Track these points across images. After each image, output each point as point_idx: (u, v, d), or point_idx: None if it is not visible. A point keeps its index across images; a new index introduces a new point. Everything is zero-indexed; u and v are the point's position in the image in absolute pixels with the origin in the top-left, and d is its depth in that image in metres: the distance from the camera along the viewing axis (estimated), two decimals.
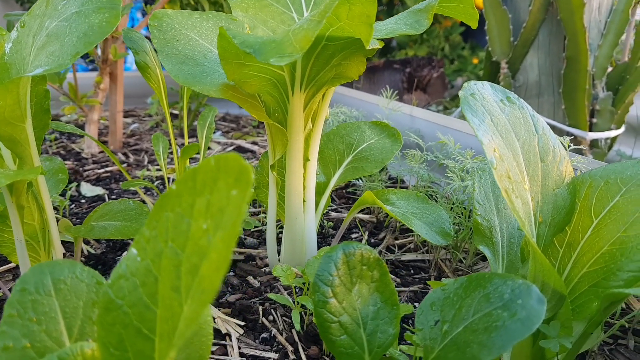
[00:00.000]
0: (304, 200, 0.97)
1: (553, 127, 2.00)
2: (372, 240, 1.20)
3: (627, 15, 1.89)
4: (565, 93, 1.94)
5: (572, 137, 1.57)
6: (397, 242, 1.19)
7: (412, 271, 1.07)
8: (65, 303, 0.51)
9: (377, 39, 0.78)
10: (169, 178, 1.45)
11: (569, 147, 0.91)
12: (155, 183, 1.53)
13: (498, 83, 2.11)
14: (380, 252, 1.13)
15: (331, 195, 1.47)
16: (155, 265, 0.45)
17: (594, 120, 1.98)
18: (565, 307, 0.63)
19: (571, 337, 0.62)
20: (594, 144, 2.01)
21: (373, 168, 1.06)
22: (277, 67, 0.79)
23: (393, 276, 1.02)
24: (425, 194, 1.19)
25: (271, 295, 0.77)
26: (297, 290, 0.91)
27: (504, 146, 0.64)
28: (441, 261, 1.08)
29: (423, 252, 1.14)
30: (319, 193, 1.06)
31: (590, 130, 1.99)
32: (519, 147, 0.67)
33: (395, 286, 0.98)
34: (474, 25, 0.81)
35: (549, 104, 2.00)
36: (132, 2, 1.76)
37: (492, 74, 2.14)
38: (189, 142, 1.98)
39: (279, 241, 1.04)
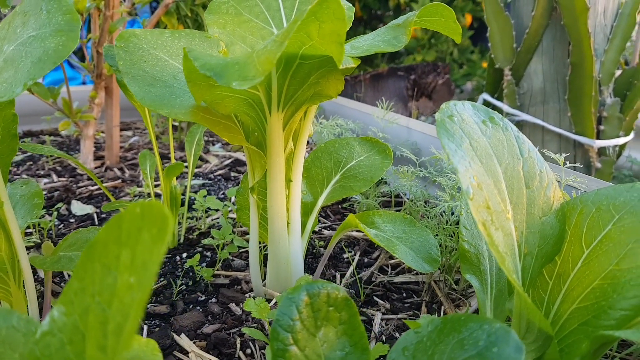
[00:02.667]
0: (288, 223, 0.93)
1: (559, 135, 1.94)
2: (365, 260, 1.15)
3: (633, 19, 1.82)
4: (570, 100, 1.87)
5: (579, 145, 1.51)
6: (391, 261, 1.14)
7: (404, 294, 1.02)
8: None
9: (354, 57, 0.73)
10: (158, 195, 1.42)
11: (564, 165, 0.86)
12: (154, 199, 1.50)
13: (502, 90, 2.05)
14: (372, 274, 1.09)
15: (326, 211, 1.43)
16: (82, 321, 0.41)
17: (602, 127, 1.91)
18: (552, 348, 0.58)
19: None
20: (601, 151, 1.94)
21: (362, 187, 1.01)
22: (251, 87, 0.76)
23: (382, 301, 0.97)
24: (419, 212, 1.14)
25: (245, 330, 0.73)
26: None
27: (484, 173, 0.59)
28: (435, 283, 1.03)
29: (417, 274, 1.09)
30: (306, 213, 1.02)
31: (598, 137, 1.92)
32: (501, 172, 0.62)
33: (384, 313, 0.94)
34: (457, 39, 0.76)
35: (554, 111, 1.94)
36: (127, 17, 1.74)
37: (495, 82, 2.09)
38: (177, 158, 1.95)
39: (266, 263, 1.00)
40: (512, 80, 1.99)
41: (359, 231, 1.28)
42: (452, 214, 1.02)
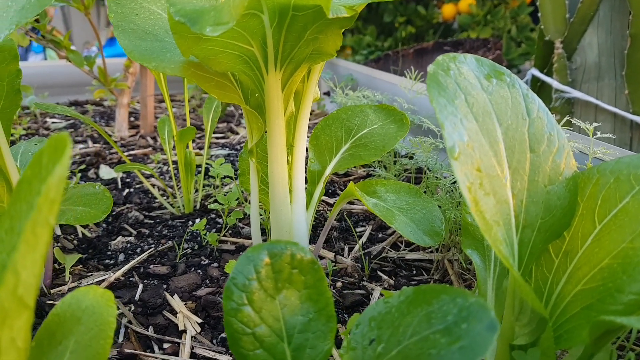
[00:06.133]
0: (290, 190, 0.89)
1: (614, 115, 1.78)
2: (380, 235, 1.10)
3: None
4: (629, 76, 1.70)
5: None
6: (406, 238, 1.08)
7: (414, 272, 0.96)
8: None
9: (350, 7, 0.68)
10: (174, 162, 1.42)
11: (594, 135, 0.77)
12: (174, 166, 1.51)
13: (552, 65, 1.90)
14: (383, 249, 1.03)
15: (346, 184, 1.38)
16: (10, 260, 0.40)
17: None
18: (547, 333, 0.51)
19: None
20: None
21: (372, 156, 0.95)
22: (243, 42, 0.72)
23: (386, 277, 0.92)
24: (436, 186, 1.07)
25: None
26: None
27: (478, 131, 0.53)
28: (448, 262, 0.97)
29: (431, 251, 1.03)
30: (313, 183, 0.98)
31: None
32: (501, 133, 0.55)
33: (385, 288, 0.89)
34: None
35: (609, 89, 1.77)
36: None
37: (545, 55, 1.94)
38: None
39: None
40: (564, 53, 1.84)
41: None
42: None
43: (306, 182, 0.98)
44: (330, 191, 1.34)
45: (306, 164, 0.97)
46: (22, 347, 0.33)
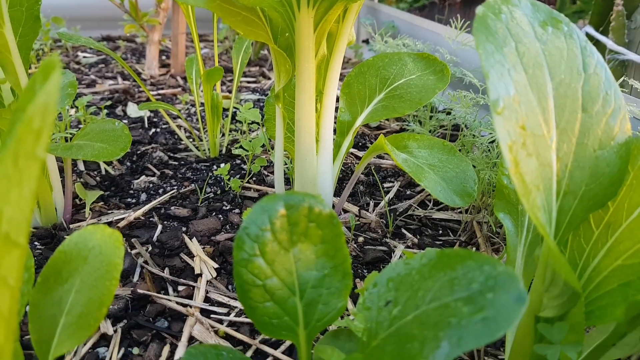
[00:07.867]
0: (317, 140, 0.85)
1: None
2: (408, 192, 1.06)
3: None
4: None
5: None
6: None
7: (440, 231, 0.93)
8: None
9: None
10: (202, 104, 1.39)
11: None
12: (201, 108, 1.48)
13: (608, 23, 1.76)
14: (410, 206, 1.00)
15: (376, 137, 1.33)
16: None
17: None
18: (578, 307, 0.47)
19: (580, 346, 0.47)
20: None
21: (406, 108, 0.90)
22: None
23: (410, 235, 0.89)
24: (472, 144, 1.01)
25: None
26: None
27: (527, 84, 0.47)
28: (477, 224, 0.92)
29: (460, 212, 0.98)
30: (342, 133, 0.94)
31: None
32: (551, 88, 0.49)
33: (409, 247, 0.85)
34: None
35: None
36: None
37: (603, 12, 1.79)
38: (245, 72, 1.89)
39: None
40: (623, 11, 1.69)
41: None
42: None
43: (335, 133, 0.94)
44: (360, 144, 1.29)
45: (336, 113, 0.92)
46: (14, 286, 0.31)
